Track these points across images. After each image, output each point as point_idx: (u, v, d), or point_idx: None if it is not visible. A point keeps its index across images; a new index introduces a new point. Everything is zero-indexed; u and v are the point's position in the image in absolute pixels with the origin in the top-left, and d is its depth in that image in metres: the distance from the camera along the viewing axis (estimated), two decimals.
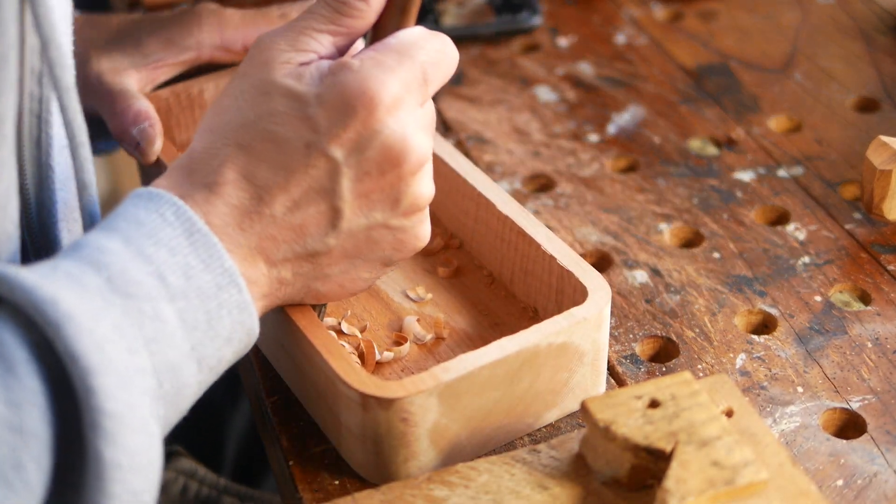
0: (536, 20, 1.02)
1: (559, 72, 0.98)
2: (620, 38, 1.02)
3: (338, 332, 0.70)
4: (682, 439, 0.56)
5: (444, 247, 0.76)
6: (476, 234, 0.74)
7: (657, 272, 0.77)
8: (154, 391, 0.53)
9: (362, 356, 0.68)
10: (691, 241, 0.80)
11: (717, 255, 0.78)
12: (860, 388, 0.67)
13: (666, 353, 0.72)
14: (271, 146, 0.58)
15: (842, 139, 0.88)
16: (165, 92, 0.81)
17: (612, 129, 0.91)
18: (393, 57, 0.58)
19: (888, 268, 0.76)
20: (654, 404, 0.58)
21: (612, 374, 0.69)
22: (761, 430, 0.59)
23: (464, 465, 0.59)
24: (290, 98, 0.58)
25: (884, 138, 0.76)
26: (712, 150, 0.88)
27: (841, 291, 0.75)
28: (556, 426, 0.66)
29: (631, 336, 0.72)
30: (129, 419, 0.50)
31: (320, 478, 0.63)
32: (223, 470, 1.04)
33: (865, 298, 0.74)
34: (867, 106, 0.92)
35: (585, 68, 0.98)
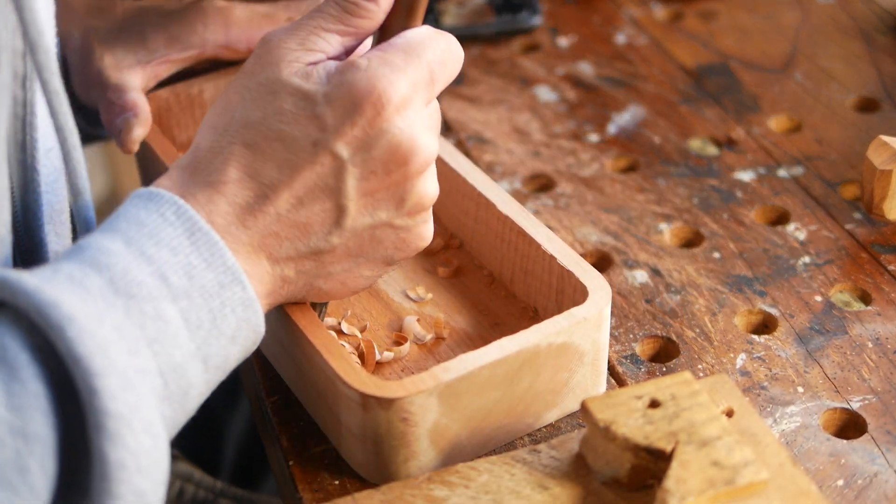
0: (536, 20, 1.02)
1: (559, 72, 0.98)
2: (620, 38, 1.02)
3: (338, 332, 0.70)
4: (683, 439, 0.56)
5: (444, 247, 0.76)
6: (476, 233, 0.74)
7: (657, 272, 0.77)
8: (160, 391, 0.53)
9: (362, 356, 0.68)
10: (691, 241, 0.80)
11: (717, 255, 0.78)
12: (860, 388, 0.67)
13: (666, 353, 0.71)
14: (278, 144, 0.58)
15: (842, 139, 0.88)
16: (165, 92, 0.81)
17: (612, 129, 0.91)
18: (400, 56, 0.58)
19: (888, 268, 0.76)
20: (654, 404, 0.58)
21: (613, 374, 0.69)
22: (761, 430, 0.59)
23: (464, 465, 0.59)
24: (299, 97, 0.58)
25: (884, 138, 0.76)
26: (712, 150, 0.88)
27: (841, 291, 0.75)
28: (557, 426, 0.66)
29: (631, 336, 0.72)
30: (133, 420, 0.50)
31: (320, 478, 0.63)
32: (221, 472, 1.04)
33: (866, 298, 0.74)
34: (867, 106, 0.92)
35: (585, 68, 0.98)
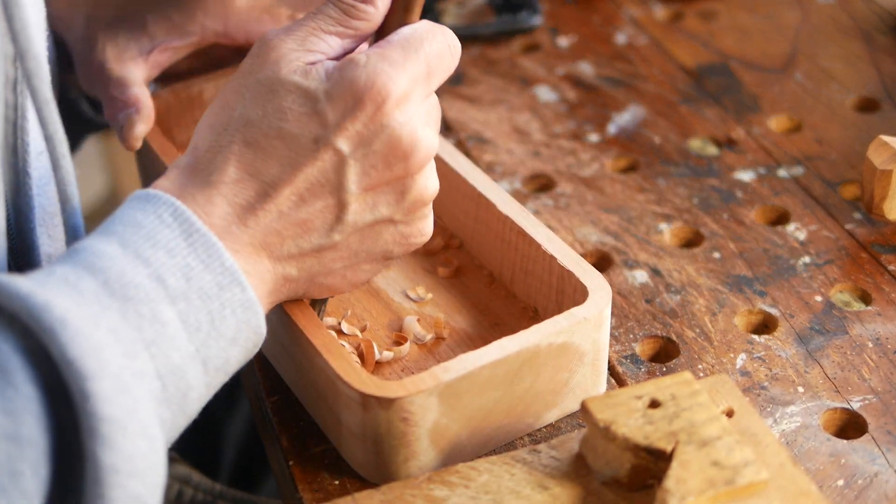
0: (536, 20, 1.02)
1: (559, 72, 0.98)
2: (620, 38, 1.02)
3: (338, 332, 0.70)
4: (683, 439, 0.56)
5: (444, 247, 0.76)
6: (476, 233, 0.74)
7: (657, 272, 0.76)
8: (158, 394, 0.53)
9: (362, 356, 0.68)
10: (691, 241, 0.80)
11: (717, 255, 0.78)
12: (861, 388, 0.67)
13: (666, 353, 0.71)
14: (279, 142, 0.58)
15: (842, 139, 0.88)
16: (165, 92, 0.81)
17: (612, 128, 0.91)
18: (398, 52, 0.58)
19: (888, 268, 0.76)
20: (654, 404, 0.58)
21: (613, 374, 0.69)
22: (762, 430, 0.59)
23: (464, 465, 0.59)
24: (299, 94, 0.58)
25: (884, 138, 0.76)
26: (712, 150, 0.88)
27: (841, 291, 0.75)
28: (557, 426, 0.66)
29: (631, 336, 0.72)
30: (127, 423, 0.50)
31: (320, 478, 0.63)
32: (220, 474, 1.04)
33: (866, 298, 0.74)
34: (867, 106, 0.92)
35: (585, 68, 0.98)
